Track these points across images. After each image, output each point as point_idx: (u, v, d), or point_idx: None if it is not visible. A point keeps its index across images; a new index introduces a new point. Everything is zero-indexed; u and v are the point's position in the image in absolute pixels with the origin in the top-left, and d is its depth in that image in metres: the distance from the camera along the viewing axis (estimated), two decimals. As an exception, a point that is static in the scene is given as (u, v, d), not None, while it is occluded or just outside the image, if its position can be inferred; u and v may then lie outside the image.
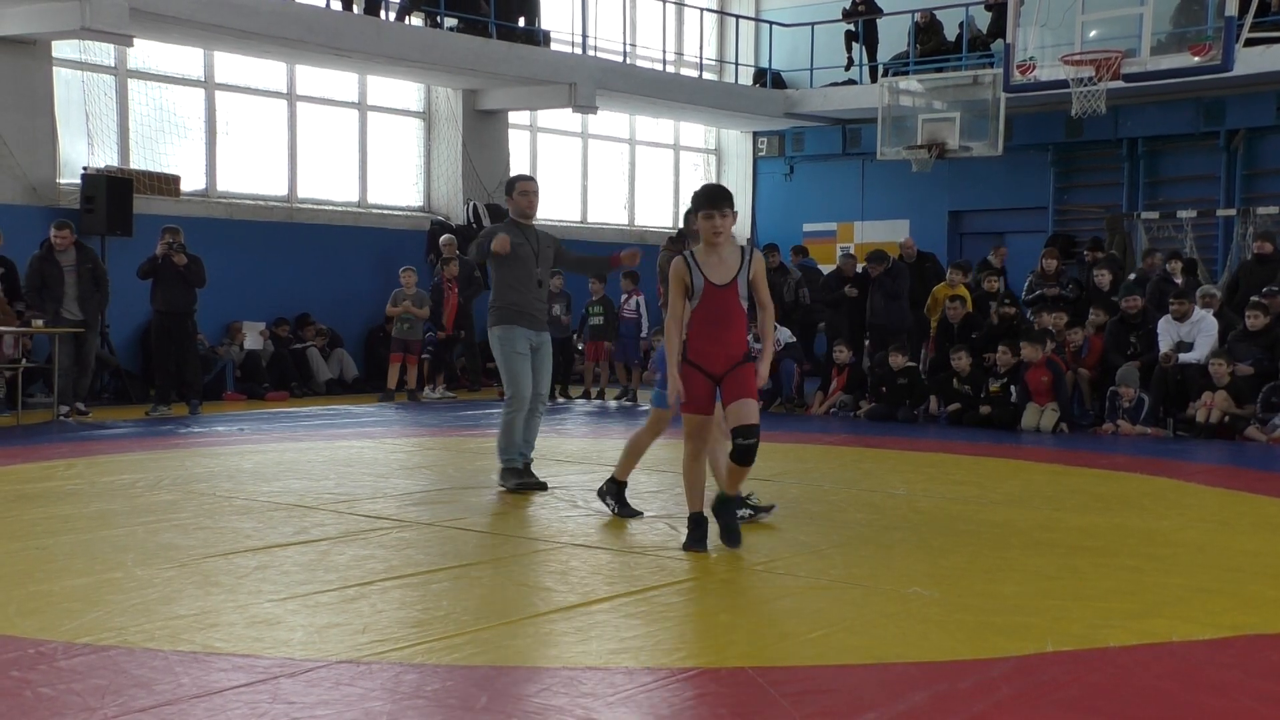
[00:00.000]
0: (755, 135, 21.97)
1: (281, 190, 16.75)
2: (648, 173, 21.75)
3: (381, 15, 16.28)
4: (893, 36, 20.06)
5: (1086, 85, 14.49)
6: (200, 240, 13.86)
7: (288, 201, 16.75)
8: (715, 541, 6.16)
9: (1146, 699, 3.96)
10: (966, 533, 6.73)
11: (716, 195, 6.00)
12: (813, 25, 20.32)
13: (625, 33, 20.39)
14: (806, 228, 20.88)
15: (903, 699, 3.87)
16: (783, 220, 21.32)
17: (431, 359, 15.70)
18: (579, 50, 18.51)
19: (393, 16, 16.57)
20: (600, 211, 20.94)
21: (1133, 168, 18.35)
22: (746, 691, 3.95)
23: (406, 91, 18.13)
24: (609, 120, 20.59)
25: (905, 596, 5.22)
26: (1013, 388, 12.73)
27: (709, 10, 21.74)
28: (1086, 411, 12.76)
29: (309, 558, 5.82)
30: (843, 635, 4.63)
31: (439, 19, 16.93)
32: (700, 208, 5.97)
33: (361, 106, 17.59)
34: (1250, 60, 15.33)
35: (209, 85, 15.95)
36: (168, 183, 15.18)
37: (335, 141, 17.34)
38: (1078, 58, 14.47)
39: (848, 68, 20.47)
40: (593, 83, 17.73)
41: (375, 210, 17.66)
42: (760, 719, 3.70)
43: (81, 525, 6.60)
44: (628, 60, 19.90)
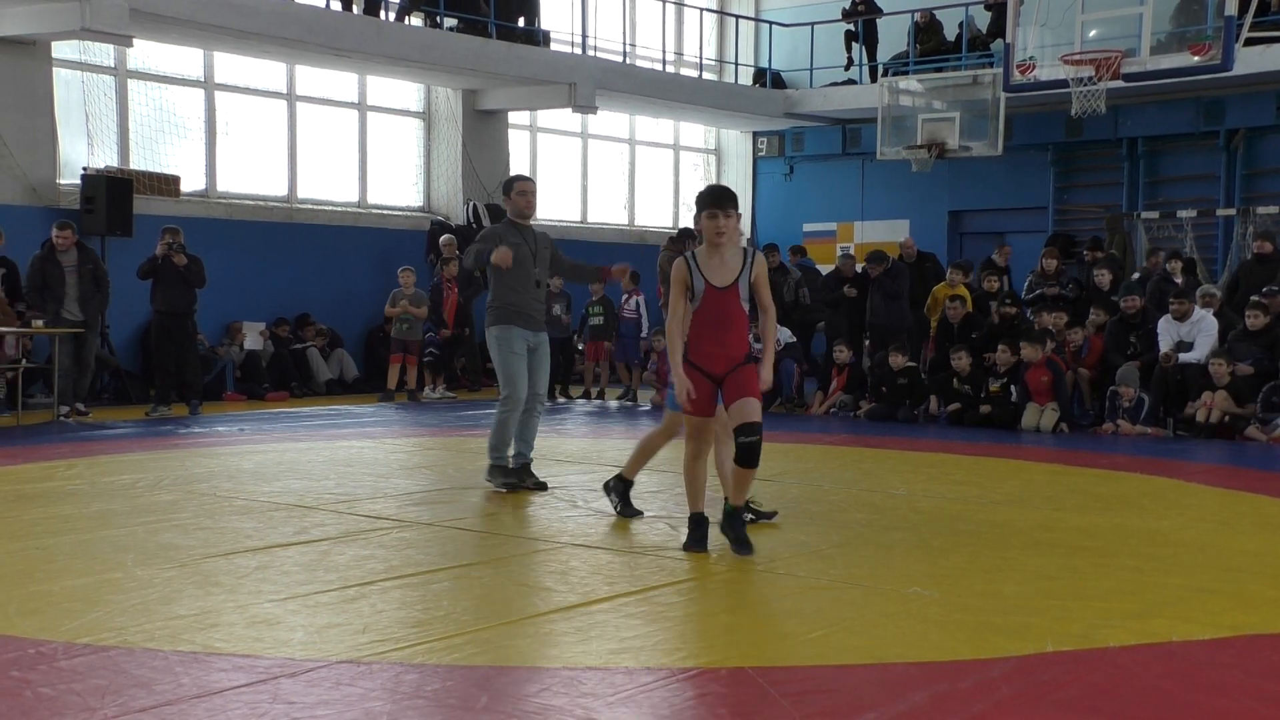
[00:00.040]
0: (755, 135, 21.97)
1: (281, 190, 16.75)
2: (648, 173, 21.74)
3: (381, 15, 16.28)
4: (892, 36, 20.06)
5: (1086, 85, 14.49)
6: (200, 240, 13.86)
7: (288, 202, 16.75)
8: (715, 541, 6.17)
9: (1146, 699, 3.96)
10: (966, 533, 6.73)
11: (721, 195, 5.99)
12: (813, 25, 20.32)
13: (625, 33, 20.39)
14: (806, 228, 20.87)
15: (903, 699, 3.87)
16: (783, 220, 21.31)
17: (435, 359, 15.70)
18: (579, 50, 18.51)
19: (392, 16, 16.57)
20: (600, 212, 20.93)
21: (1133, 167, 18.35)
22: (746, 691, 3.95)
23: (406, 91, 18.12)
24: (609, 120, 20.59)
25: (905, 596, 5.22)
26: (1013, 388, 12.73)
27: (709, 10, 21.73)
28: (1086, 411, 12.76)
29: (309, 558, 5.83)
30: (843, 635, 4.63)
31: (439, 19, 16.93)
32: (704, 207, 5.97)
33: (361, 106, 17.59)
34: (1250, 60, 15.32)
35: (209, 85, 15.94)
36: (168, 183, 15.18)
37: (335, 141, 17.34)
38: (1077, 57, 14.47)
39: (847, 68, 20.47)
40: (593, 83, 17.73)
41: (375, 210, 17.66)
42: (760, 719, 3.70)
43: (82, 525, 6.60)
44: (628, 60, 19.89)
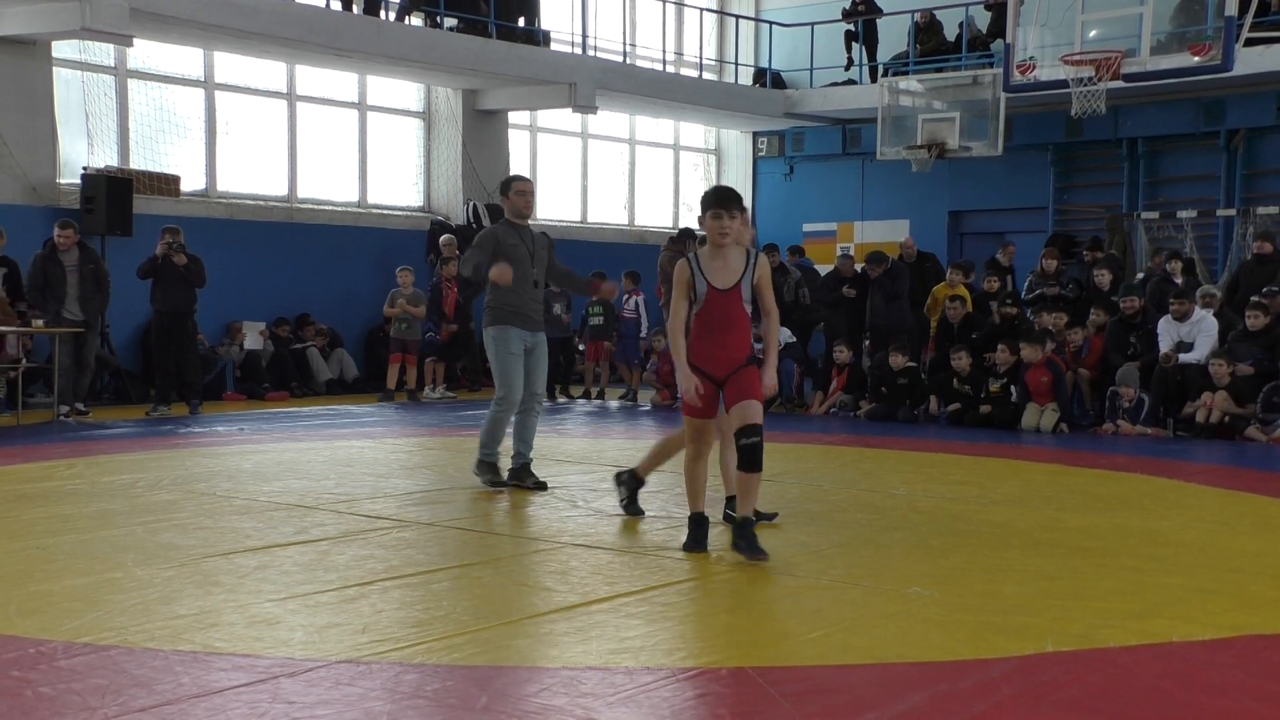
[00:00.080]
0: (755, 135, 21.97)
1: (281, 190, 16.75)
2: (648, 173, 21.74)
3: (381, 15, 16.28)
4: (893, 36, 20.06)
5: (1086, 85, 14.49)
6: (200, 240, 13.86)
7: (288, 201, 16.75)
8: (715, 541, 6.16)
9: (1146, 699, 3.96)
10: (966, 533, 6.73)
11: (726, 196, 5.95)
12: (813, 25, 20.32)
13: (625, 33, 20.38)
14: (806, 228, 20.87)
15: (903, 699, 3.87)
16: (783, 220, 21.30)
17: (438, 359, 15.67)
18: (579, 50, 18.51)
19: (393, 16, 16.57)
20: (600, 212, 20.93)
21: (1133, 168, 18.35)
22: (746, 691, 3.94)
23: (406, 91, 18.12)
24: (609, 120, 20.59)
25: (905, 596, 5.22)
26: (1013, 388, 12.73)
27: (709, 10, 21.73)
28: (1086, 412, 12.76)
29: (309, 558, 5.82)
30: (843, 635, 4.62)
31: (439, 19, 16.93)
32: (709, 208, 5.92)
33: (361, 106, 17.59)
34: (1250, 60, 15.32)
35: (209, 85, 15.95)
36: (168, 183, 15.18)
37: (335, 141, 17.34)
38: (1078, 58, 14.47)
39: (848, 68, 20.47)
40: (593, 83, 17.73)
41: (375, 210, 17.66)
42: (760, 719, 3.70)
43: (82, 525, 6.59)
44: (628, 60, 19.89)
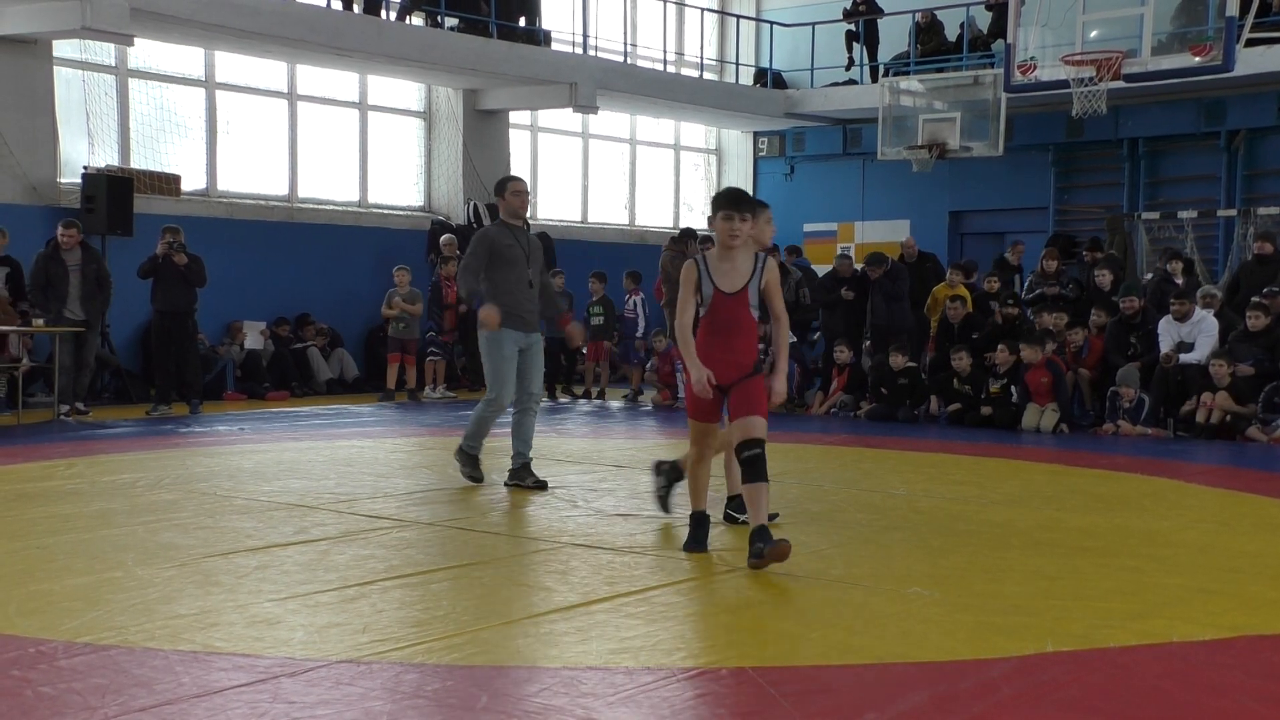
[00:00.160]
0: (756, 135, 21.96)
1: (282, 190, 16.75)
2: (648, 173, 21.74)
3: (382, 15, 16.28)
4: (893, 36, 20.05)
5: (1087, 85, 14.48)
6: (200, 240, 13.86)
7: (288, 201, 16.75)
8: (716, 542, 6.17)
9: (1146, 699, 3.96)
10: (966, 533, 6.73)
11: (737, 197, 5.91)
12: (813, 25, 20.31)
13: (626, 33, 20.38)
14: (807, 228, 20.86)
15: (903, 699, 3.87)
16: (783, 220, 21.01)
17: (440, 358, 15.66)
18: (579, 50, 18.51)
19: (393, 16, 16.57)
20: (601, 212, 20.93)
21: (1133, 168, 18.34)
22: (746, 691, 3.94)
23: (407, 91, 18.12)
24: (609, 120, 20.59)
25: (905, 596, 5.22)
26: (1013, 388, 12.72)
27: (709, 10, 21.73)
28: (1087, 412, 12.76)
29: (309, 557, 5.82)
30: (843, 635, 4.62)
31: (439, 19, 16.93)
32: (719, 209, 5.86)
33: (362, 106, 17.59)
34: (1251, 60, 15.31)
35: (209, 85, 15.95)
36: (168, 182, 15.18)
37: (336, 141, 17.34)
38: (1078, 58, 14.46)
39: (848, 68, 20.46)
40: (593, 83, 17.73)
41: (376, 210, 17.66)
42: (760, 719, 3.70)
43: (82, 524, 6.59)
44: (628, 60, 19.88)
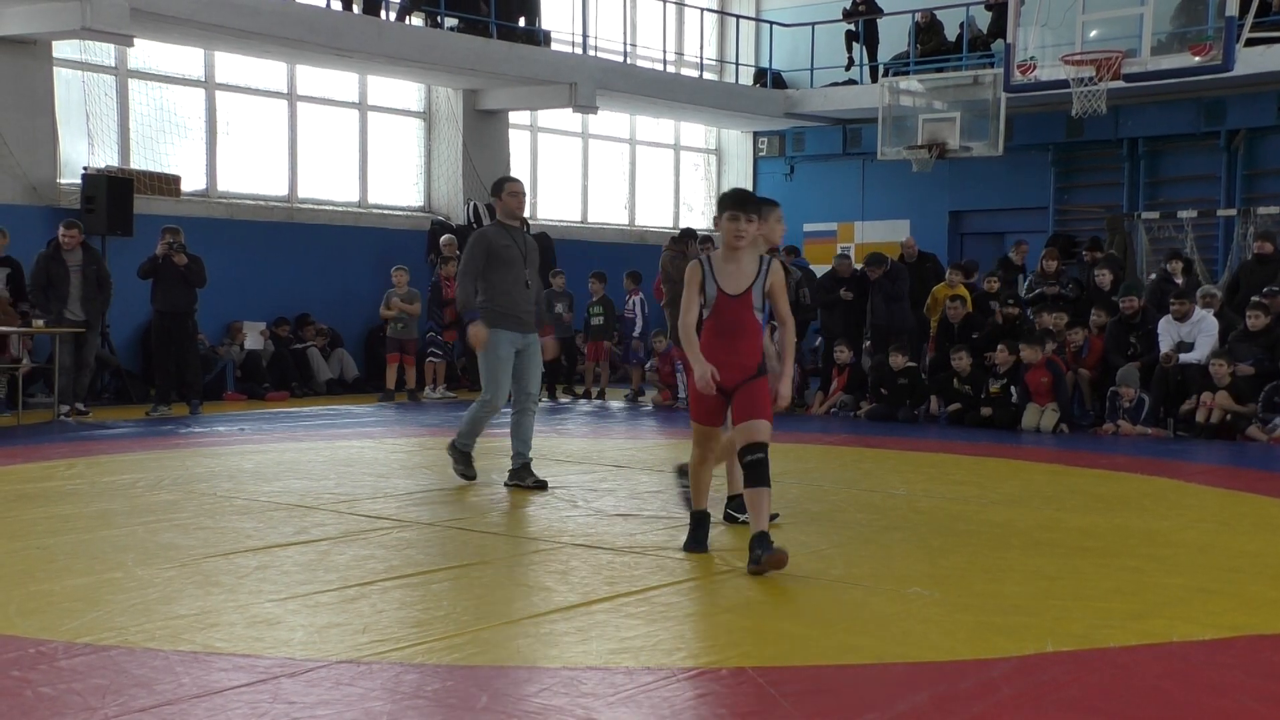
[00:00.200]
0: (755, 135, 21.96)
1: (282, 190, 16.75)
2: (648, 173, 21.73)
3: (382, 15, 16.28)
4: (893, 36, 20.05)
5: (1087, 85, 14.48)
6: (200, 240, 13.86)
7: (288, 201, 16.74)
8: (716, 542, 6.17)
9: (1146, 699, 3.96)
10: (966, 533, 6.73)
11: (743, 198, 5.87)
12: (813, 25, 20.31)
13: (625, 33, 20.38)
14: (807, 228, 20.85)
15: (903, 699, 3.87)
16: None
17: (440, 359, 15.65)
18: (579, 50, 18.51)
19: (393, 16, 16.57)
20: (600, 212, 20.92)
21: (1133, 168, 18.34)
22: (746, 691, 3.94)
23: (407, 91, 18.12)
24: (609, 120, 20.58)
25: (905, 596, 5.22)
26: (1013, 388, 12.72)
27: (709, 10, 21.73)
28: (1087, 412, 12.76)
29: (309, 558, 5.82)
30: (843, 635, 4.62)
31: (439, 19, 16.93)
32: (725, 209, 5.81)
33: (362, 106, 17.58)
34: (1251, 60, 15.31)
35: (209, 85, 15.94)
36: (168, 183, 15.18)
37: (335, 141, 17.33)
38: (1078, 58, 14.46)
39: (848, 68, 20.46)
40: (593, 83, 17.73)
41: (375, 210, 17.66)
42: (760, 719, 3.70)
43: (82, 525, 6.60)
44: (628, 60, 19.89)
